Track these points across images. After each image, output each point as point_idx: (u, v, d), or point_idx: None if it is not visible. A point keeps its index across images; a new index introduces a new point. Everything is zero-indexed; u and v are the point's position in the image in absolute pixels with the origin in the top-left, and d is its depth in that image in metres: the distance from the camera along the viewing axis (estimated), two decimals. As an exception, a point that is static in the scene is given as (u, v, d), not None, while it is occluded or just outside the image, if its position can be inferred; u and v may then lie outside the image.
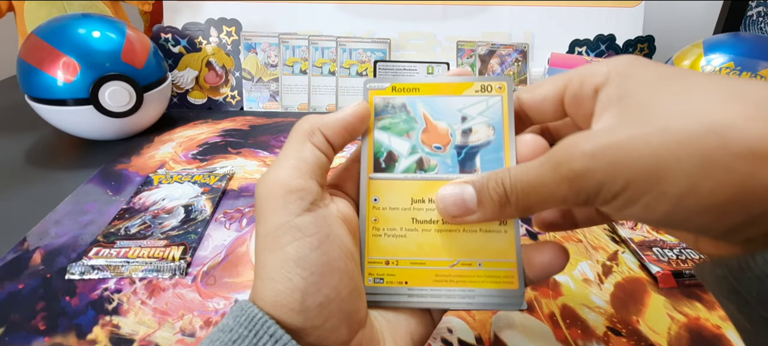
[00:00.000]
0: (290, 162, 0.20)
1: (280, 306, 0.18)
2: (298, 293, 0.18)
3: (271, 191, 0.20)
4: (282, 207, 0.19)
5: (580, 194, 0.17)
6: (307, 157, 0.20)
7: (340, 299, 0.19)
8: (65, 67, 0.51)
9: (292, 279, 0.18)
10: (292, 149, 0.21)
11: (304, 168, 0.20)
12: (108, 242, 0.38)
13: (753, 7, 0.75)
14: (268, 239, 0.19)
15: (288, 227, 0.19)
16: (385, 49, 0.72)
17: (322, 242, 0.19)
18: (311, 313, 0.19)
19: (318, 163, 0.21)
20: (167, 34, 0.69)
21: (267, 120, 0.67)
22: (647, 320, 0.32)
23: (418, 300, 0.22)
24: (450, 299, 0.22)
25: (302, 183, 0.20)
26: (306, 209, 0.19)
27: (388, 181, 0.23)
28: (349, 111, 0.22)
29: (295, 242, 0.19)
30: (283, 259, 0.19)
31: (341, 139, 0.22)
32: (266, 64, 0.71)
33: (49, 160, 0.55)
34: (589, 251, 0.39)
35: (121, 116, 0.55)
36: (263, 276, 0.19)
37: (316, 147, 0.21)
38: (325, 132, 0.21)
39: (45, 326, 0.31)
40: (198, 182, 0.48)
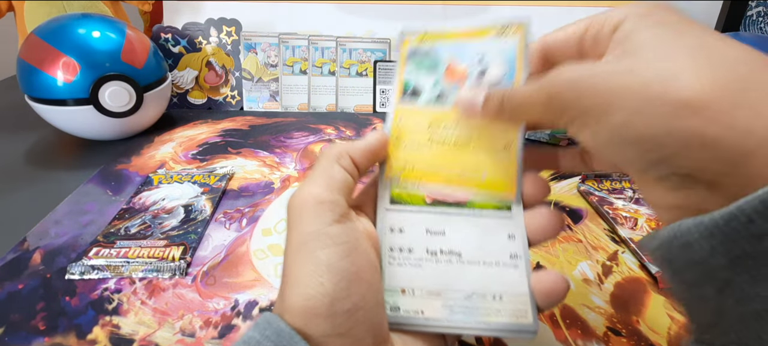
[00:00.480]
0: (321, 179, 0.22)
1: (309, 313, 0.19)
2: (328, 298, 0.19)
3: (304, 202, 0.21)
4: (314, 216, 0.20)
5: (550, 111, 0.20)
6: (336, 176, 0.22)
7: (366, 308, 0.20)
8: (65, 67, 0.51)
9: (323, 284, 0.19)
10: (322, 169, 0.22)
11: (334, 185, 0.22)
12: (108, 242, 0.38)
13: (753, 7, 0.75)
14: (300, 246, 0.20)
15: (320, 235, 0.20)
16: (385, 49, 0.72)
17: (352, 251, 0.20)
18: (339, 319, 0.19)
19: (345, 183, 0.22)
20: (167, 34, 0.69)
21: (267, 120, 0.67)
22: (647, 320, 0.32)
23: (434, 326, 0.22)
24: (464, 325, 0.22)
25: (333, 197, 0.21)
26: (337, 219, 0.21)
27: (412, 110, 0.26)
28: (374, 138, 0.24)
29: (326, 248, 0.20)
30: (315, 264, 0.19)
31: (367, 162, 0.24)
32: (266, 64, 0.71)
33: (49, 161, 0.55)
34: (589, 251, 0.39)
35: (121, 116, 0.55)
36: (292, 282, 0.20)
37: (344, 169, 0.23)
38: (352, 155, 0.23)
39: (45, 326, 0.31)
40: (198, 182, 0.48)
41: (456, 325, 0.22)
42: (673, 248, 0.17)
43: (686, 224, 0.17)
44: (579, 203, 0.46)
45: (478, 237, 0.23)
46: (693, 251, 0.16)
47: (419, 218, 0.24)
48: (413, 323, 0.22)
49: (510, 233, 0.23)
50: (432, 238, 0.23)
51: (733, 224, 0.15)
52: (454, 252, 0.23)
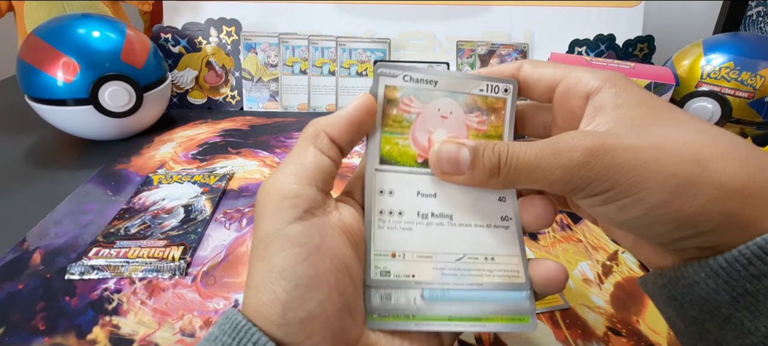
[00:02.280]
0: (290, 168, 0.20)
1: (262, 317, 0.18)
2: (280, 306, 0.18)
3: (268, 196, 0.20)
4: (275, 214, 0.19)
5: (569, 183, 0.19)
6: (308, 163, 0.20)
7: (325, 316, 0.18)
8: (65, 67, 0.51)
9: (275, 291, 0.18)
10: (295, 155, 0.21)
11: (303, 174, 0.20)
12: (108, 242, 0.38)
13: (753, 7, 0.75)
14: (259, 247, 0.19)
15: (277, 236, 0.19)
16: (385, 49, 0.72)
17: (311, 253, 0.19)
18: (292, 328, 0.18)
19: (320, 169, 0.20)
20: (167, 34, 0.69)
21: (267, 120, 0.67)
22: (647, 320, 0.32)
23: (426, 328, 0.21)
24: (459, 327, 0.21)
25: (298, 189, 0.19)
26: (298, 217, 0.19)
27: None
28: (354, 105, 0.21)
29: (282, 252, 0.18)
30: (269, 269, 0.18)
31: (348, 137, 0.21)
32: (266, 64, 0.71)
33: (49, 161, 0.55)
34: (589, 251, 0.39)
35: (121, 116, 0.55)
36: (249, 285, 0.19)
37: (320, 151, 0.21)
38: (329, 132, 0.21)
39: (45, 326, 0.31)
40: (198, 182, 0.48)
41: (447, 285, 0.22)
42: (679, 286, 0.19)
43: (692, 266, 0.18)
44: (579, 203, 0.46)
45: (469, 199, 0.23)
46: (699, 288, 0.18)
47: (410, 180, 0.23)
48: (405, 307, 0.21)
49: (501, 195, 0.23)
50: (423, 200, 0.23)
51: (736, 266, 0.17)
52: (446, 215, 0.23)
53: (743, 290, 0.17)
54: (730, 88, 0.50)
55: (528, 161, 0.20)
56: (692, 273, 0.18)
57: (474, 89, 0.23)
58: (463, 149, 0.21)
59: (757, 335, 0.17)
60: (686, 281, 0.19)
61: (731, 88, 0.49)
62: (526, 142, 0.20)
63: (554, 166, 0.19)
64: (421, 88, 0.23)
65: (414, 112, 0.23)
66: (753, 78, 0.49)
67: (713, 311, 0.18)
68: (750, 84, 0.49)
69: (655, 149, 0.18)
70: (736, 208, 0.17)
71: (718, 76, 0.50)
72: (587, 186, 0.19)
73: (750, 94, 0.49)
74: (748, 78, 0.49)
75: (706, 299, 0.18)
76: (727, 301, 0.18)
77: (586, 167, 0.18)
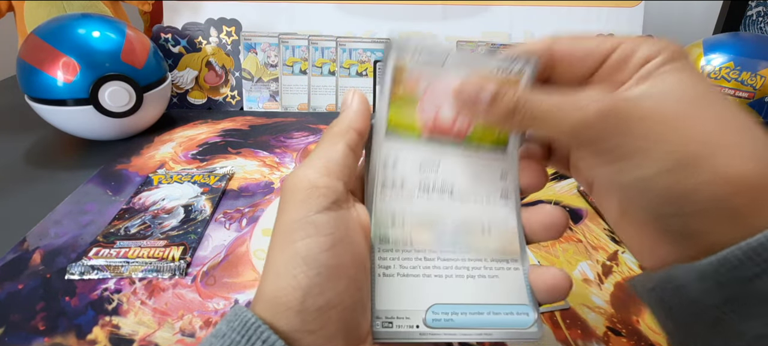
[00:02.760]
0: (320, 161, 0.20)
1: (279, 304, 0.18)
2: (300, 292, 0.18)
3: (295, 186, 0.20)
4: (303, 202, 0.19)
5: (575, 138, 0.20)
6: (337, 158, 0.21)
7: (342, 307, 0.19)
8: (65, 67, 0.51)
9: (296, 276, 0.18)
10: (323, 149, 0.21)
11: (332, 168, 0.20)
12: (108, 242, 0.38)
13: (753, 7, 0.75)
14: (282, 233, 0.19)
15: (304, 223, 0.19)
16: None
17: (336, 244, 0.19)
18: (309, 315, 0.18)
19: (347, 164, 0.21)
20: (167, 34, 0.69)
21: (267, 120, 0.67)
22: (647, 320, 0.32)
23: (431, 339, 0.21)
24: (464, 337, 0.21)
25: (328, 182, 0.20)
26: (326, 207, 0.19)
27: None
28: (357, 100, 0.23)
29: (307, 238, 0.19)
30: (292, 255, 0.18)
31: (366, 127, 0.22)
32: (266, 64, 0.71)
33: (49, 161, 0.55)
34: (589, 251, 0.39)
35: (121, 116, 0.55)
36: (269, 270, 0.19)
37: (349, 146, 0.21)
38: (356, 127, 0.22)
39: (45, 327, 0.31)
40: (198, 182, 0.48)
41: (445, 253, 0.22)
42: (667, 289, 0.19)
43: (680, 268, 0.18)
44: (579, 203, 0.46)
45: (470, 174, 0.23)
46: (687, 291, 0.18)
47: (414, 153, 0.23)
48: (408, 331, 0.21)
49: (503, 171, 0.24)
50: (425, 174, 0.23)
51: (723, 269, 0.17)
52: (446, 189, 0.23)
53: (732, 293, 0.17)
54: (730, 88, 0.50)
55: (543, 110, 0.20)
56: (681, 276, 0.18)
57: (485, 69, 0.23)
58: (488, 86, 0.21)
59: (747, 338, 0.17)
60: (674, 284, 0.18)
61: (731, 88, 0.49)
62: (545, 92, 0.20)
63: (565, 121, 0.19)
64: (431, 65, 0.23)
65: (422, 88, 0.23)
66: (753, 78, 0.49)
67: (702, 313, 0.18)
68: (750, 84, 0.49)
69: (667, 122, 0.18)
70: (727, 194, 0.17)
71: (718, 76, 0.50)
72: (598, 141, 0.19)
73: (750, 94, 0.49)
74: (748, 78, 0.49)
75: (694, 302, 0.18)
76: (716, 304, 0.17)
77: (603, 123, 0.19)
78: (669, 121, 0.18)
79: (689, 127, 0.18)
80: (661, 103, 0.18)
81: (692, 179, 0.17)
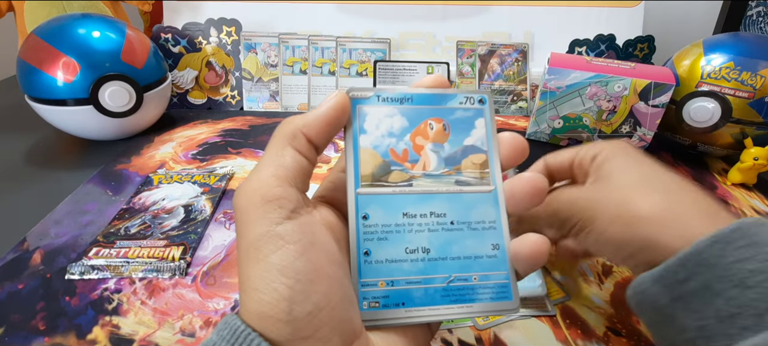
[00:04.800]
0: (269, 169, 0.19)
1: (267, 318, 0.18)
2: (285, 302, 0.17)
3: (249, 201, 0.19)
4: (261, 217, 0.18)
5: (554, 223, 0.29)
6: (288, 164, 0.20)
7: (330, 306, 0.18)
8: (65, 67, 0.51)
9: (277, 289, 0.17)
10: (272, 155, 0.20)
11: (283, 175, 0.19)
12: (108, 242, 0.38)
13: (753, 7, 0.75)
14: (250, 251, 0.18)
15: (270, 236, 0.18)
16: (384, 49, 0.72)
17: (307, 249, 0.18)
18: (300, 322, 0.18)
19: (299, 169, 0.20)
20: (167, 34, 0.69)
21: (267, 120, 0.67)
22: (647, 320, 0.32)
23: (417, 317, 0.21)
24: (448, 312, 0.21)
25: (281, 191, 0.19)
26: (286, 216, 0.19)
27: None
28: (329, 104, 0.21)
29: (278, 250, 0.18)
30: (267, 268, 0.18)
31: (325, 137, 0.21)
32: (266, 64, 0.71)
33: (49, 160, 0.55)
34: (589, 251, 0.39)
35: (121, 116, 0.55)
36: (247, 288, 0.18)
37: (298, 152, 0.20)
38: (307, 133, 0.20)
39: (45, 326, 0.31)
40: (198, 182, 0.48)
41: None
42: (636, 294, 0.25)
43: (642, 276, 0.24)
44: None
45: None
46: (648, 294, 0.24)
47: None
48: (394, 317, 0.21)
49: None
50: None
51: (667, 275, 0.23)
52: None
53: (677, 294, 0.22)
54: (730, 89, 0.49)
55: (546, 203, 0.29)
56: (642, 283, 0.24)
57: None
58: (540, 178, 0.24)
59: (691, 329, 0.22)
60: (639, 289, 0.24)
61: (731, 89, 0.49)
62: None
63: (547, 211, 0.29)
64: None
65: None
66: (753, 78, 0.49)
67: (660, 311, 0.23)
68: (750, 84, 0.49)
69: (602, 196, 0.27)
70: (653, 231, 0.24)
71: (718, 76, 0.50)
72: (564, 224, 0.28)
73: (750, 94, 0.49)
74: (749, 78, 0.49)
75: (653, 302, 0.24)
76: (667, 302, 0.23)
77: (562, 211, 0.28)
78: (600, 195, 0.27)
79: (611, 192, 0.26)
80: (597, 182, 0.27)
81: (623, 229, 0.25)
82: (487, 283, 0.22)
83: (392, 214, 0.22)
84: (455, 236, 0.22)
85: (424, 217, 0.22)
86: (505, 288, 0.22)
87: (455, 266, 0.22)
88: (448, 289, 0.22)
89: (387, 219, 0.22)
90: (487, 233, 0.23)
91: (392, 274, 0.21)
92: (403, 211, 0.22)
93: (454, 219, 0.22)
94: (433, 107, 0.23)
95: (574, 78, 0.54)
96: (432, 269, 0.22)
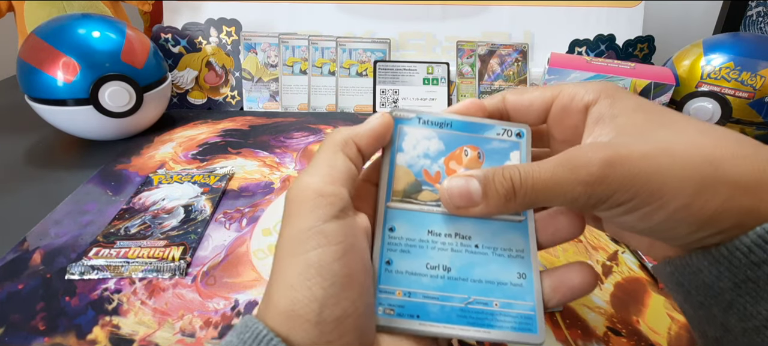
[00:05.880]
0: (323, 169, 0.20)
1: (296, 316, 0.18)
2: (317, 303, 0.18)
3: (302, 194, 0.20)
4: (311, 211, 0.19)
5: (592, 197, 0.19)
6: (340, 166, 0.21)
7: (356, 314, 0.19)
8: (65, 67, 0.51)
9: (311, 288, 0.18)
10: (325, 158, 0.21)
11: (336, 176, 0.20)
12: (108, 242, 0.38)
13: (753, 7, 0.75)
14: (292, 243, 0.19)
15: (314, 232, 0.19)
16: (385, 49, 0.72)
17: (347, 252, 0.19)
18: (327, 326, 0.18)
19: (349, 173, 0.21)
20: (167, 34, 0.69)
21: (267, 120, 0.67)
22: (647, 320, 0.32)
23: (430, 330, 0.21)
24: (463, 333, 0.21)
25: (333, 189, 0.20)
26: (335, 215, 0.19)
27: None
28: (377, 121, 0.23)
29: (319, 248, 0.18)
30: (305, 265, 0.18)
31: (372, 149, 0.23)
32: (266, 64, 0.71)
33: (49, 161, 0.55)
34: (589, 251, 0.39)
35: (121, 116, 0.55)
36: (281, 282, 0.18)
37: (349, 158, 0.21)
38: (357, 142, 0.22)
39: (45, 327, 0.31)
40: (198, 182, 0.48)
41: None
42: (685, 274, 0.20)
43: (696, 255, 0.19)
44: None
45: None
46: (703, 276, 0.19)
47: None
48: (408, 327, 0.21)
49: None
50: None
51: (737, 254, 0.18)
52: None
53: (745, 277, 0.18)
54: (730, 89, 0.50)
55: (544, 180, 0.20)
56: (696, 262, 0.19)
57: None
58: (471, 181, 0.21)
59: (759, 318, 0.18)
60: (691, 269, 0.20)
61: (731, 89, 0.49)
62: (536, 163, 0.20)
63: (574, 182, 0.19)
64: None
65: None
66: (753, 78, 0.49)
67: (717, 296, 0.19)
68: (750, 84, 0.49)
69: (666, 154, 0.19)
70: (753, 203, 0.18)
71: (718, 76, 0.50)
72: (609, 198, 0.19)
73: (750, 94, 0.49)
74: (748, 78, 0.49)
75: (710, 286, 0.19)
76: (729, 287, 0.18)
77: (607, 180, 0.19)
78: (664, 154, 0.19)
79: (684, 151, 0.19)
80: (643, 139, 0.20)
81: (716, 199, 0.18)
82: (510, 311, 0.22)
83: (417, 229, 0.23)
84: (478, 259, 0.22)
85: (449, 237, 0.23)
86: (529, 320, 0.22)
87: (476, 288, 0.22)
88: (466, 310, 0.22)
89: (412, 233, 0.23)
90: (513, 261, 0.23)
91: (411, 286, 0.22)
92: (429, 228, 0.23)
93: (479, 243, 0.23)
94: (471, 135, 0.24)
95: (574, 78, 0.54)
96: (451, 287, 0.22)
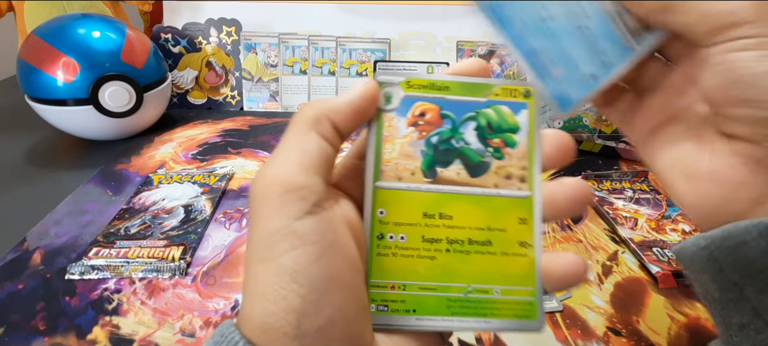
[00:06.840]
0: (292, 156, 0.17)
1: (272, 331, 0.15)
2: (294, 315, 0.15)
3: (267, 190, 0.17)
4: (279, 209, 0.16)
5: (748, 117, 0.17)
6: (312, 150, 0.17)
7: (344, 321, 0.16)
8: (65, 67, 0.51)
9: (286, 297, 0.15)
10: (295, 140, 0.17)
11: (308, 162, 0.17)
12: (108, 242, 0.38)
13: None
14: (261, 248, 0.16)
15: (285, 233, 0.16)
16: (385, 49, 0.72)
17: (326, 251, 0.16)
18: (308, 339, 0.16)
19: (324, 157, 0.18)
20: (167, 34, 0.69)
21: (267, 120, 0.67)
22: (647, 320, 0.32)
23: (428, 325, 0.20)
24: (462, 324, 0.20)
25: (305, 180, 0.17)
26: (308, 211, 0.16)
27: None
28: (358, 92, 0.19)
29: (292, 251, 0.16)
30: (278, 272, 0.16)
31: (351, 125, 0.19)
32: (266, 64, 0.71)
33: (49, 161, 0.55)
34: (589, 251, 0.39)
35: (121, 116, 0.55)
36: (253, 291, 0.16)
37: (323, 137, 0.18)
38: (333, 118, 0.18)
39: (45, 327, 0.31)
40: (198, 182, 0.48)
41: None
42: (724, 247, 0.18)
43: (743, 224, 0.17)
44: (579, 203, 0.46)
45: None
46: (747, 248, 0.17)
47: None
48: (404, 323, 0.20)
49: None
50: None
51: None
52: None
53: None
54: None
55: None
56: (743, 233, 0.17)
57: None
58: None
59: None
60: (734, 241, 0.17)
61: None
62: None
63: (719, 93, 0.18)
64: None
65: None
66: None
67: (757, 274, 0.17)
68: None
69: None
70: None
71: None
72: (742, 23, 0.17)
73: None
74: None
75: (752, 261, 0.17)
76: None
77: None
78: None
79: None
80: None
81: None
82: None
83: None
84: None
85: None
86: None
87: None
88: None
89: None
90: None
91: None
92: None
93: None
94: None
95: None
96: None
